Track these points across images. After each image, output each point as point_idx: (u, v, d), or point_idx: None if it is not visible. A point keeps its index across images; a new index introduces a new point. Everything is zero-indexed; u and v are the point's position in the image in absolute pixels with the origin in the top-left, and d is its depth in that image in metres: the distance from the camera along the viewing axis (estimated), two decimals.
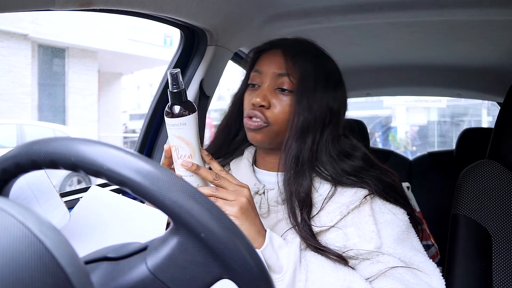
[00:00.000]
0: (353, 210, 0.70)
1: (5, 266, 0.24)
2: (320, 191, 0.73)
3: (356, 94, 2.45)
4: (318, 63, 0.75)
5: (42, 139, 0.36)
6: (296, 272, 0.63)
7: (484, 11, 1.13)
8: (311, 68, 0.73)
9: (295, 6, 1.19)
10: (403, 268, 0.66)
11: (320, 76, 0.73)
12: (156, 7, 0.92)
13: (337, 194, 0.72)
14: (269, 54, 0.77)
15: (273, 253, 0.63)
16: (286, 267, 0.63)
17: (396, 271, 0.65)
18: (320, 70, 0.74)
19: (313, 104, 0.72)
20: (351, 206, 0.70)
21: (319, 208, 0.71)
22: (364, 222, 0.69)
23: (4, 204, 0.28)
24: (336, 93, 0.76)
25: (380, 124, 14.81)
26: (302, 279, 0.62)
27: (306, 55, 0.75)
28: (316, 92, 0.72)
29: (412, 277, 0.65)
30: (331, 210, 0.71)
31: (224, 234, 0.32)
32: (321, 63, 0.76)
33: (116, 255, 0.36)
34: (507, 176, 1.00)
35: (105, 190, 0.58)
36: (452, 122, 14.14)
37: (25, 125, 5.80)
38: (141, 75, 13.97)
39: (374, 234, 0.67)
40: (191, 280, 0.33)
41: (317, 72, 0.74)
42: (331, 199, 0.71)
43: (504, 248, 0.96)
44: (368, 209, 0.70)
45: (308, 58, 0.74)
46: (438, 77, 2.00)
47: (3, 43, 6.80)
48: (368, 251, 0.66)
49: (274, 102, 0.74)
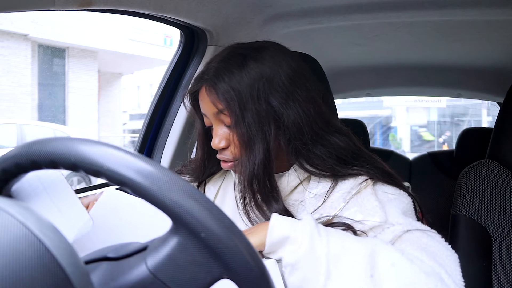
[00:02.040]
0: (355, 195, 0.69)
1: (5, 266, 0.24)
2: (317, 188, 0.72)
3: (356, 94, 2.45)
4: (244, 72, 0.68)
5: (42, 139, 0.36)
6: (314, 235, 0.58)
7: (484, 11, 1.13)
8: (236, 88, 0.67)
9: (295, 6, 1.19)
10: (418, 231, 0.63)
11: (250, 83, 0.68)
12: (156, 7, 0.92)
13: (341, 182, 0.71)
14: (200, 94, 0.73)
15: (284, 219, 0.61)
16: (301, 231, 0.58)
17: (413, 234, 0.63)
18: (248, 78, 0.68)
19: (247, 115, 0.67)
20: (353, 191, 0.69)
21: (316, 206, 0.70)
22: (366, 200, 0.68)
23: (4, 204, 0.28)
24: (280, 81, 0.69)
25: (380, 124, 14.82)
26: (323, 242, 0.57)
27: (227, 76, 0.68)
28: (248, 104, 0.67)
29: (429, 239, 0.63)
30: (334, 199, 0.70)
31: (224, 234, 0.32)
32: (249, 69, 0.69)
33: (116, 255, 0.36)
34: (507, 176, 1.01)
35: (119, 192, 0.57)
36: (452, 122, 14.15)
37: (25, 125, 5.81)
38: (141, 75, 13.96)
39: (378, 208, 0.66)
40: (191, 280, 0.33)
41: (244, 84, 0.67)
42: (334, 189, 0.71)
43: (504, 248, 0.96)
44: (370, 189, 0.69)
45: (230, 77, 0.68)
46: (438, 77, 2.00)
47: (3, 43, 6.80)
48: (374, 223, 0.64)
49: (230, 138, 0.72)
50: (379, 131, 14.67)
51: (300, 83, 0.71)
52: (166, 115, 1.26)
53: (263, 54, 0.70)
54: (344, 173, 0.71)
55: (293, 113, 0.68)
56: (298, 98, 0.69)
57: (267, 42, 0.75)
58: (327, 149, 0.71)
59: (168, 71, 1.25)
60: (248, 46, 0.74)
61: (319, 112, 0.71)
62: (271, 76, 0.68)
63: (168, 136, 1.25)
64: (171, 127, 1.25)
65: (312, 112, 0.70)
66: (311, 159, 0.71)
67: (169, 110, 1.26)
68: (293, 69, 0.71)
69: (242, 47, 0.73)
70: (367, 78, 2.08)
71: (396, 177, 0.74)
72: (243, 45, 0.74)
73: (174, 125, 1.25)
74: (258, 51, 0.71)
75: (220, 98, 0.68)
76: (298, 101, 0.69)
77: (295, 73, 0.71)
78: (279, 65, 0.70)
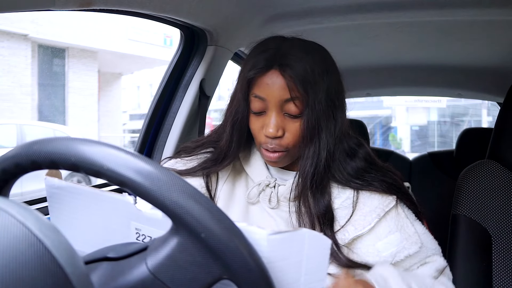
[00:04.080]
0: (389, 213, 0.71)
1: (5, 266, 0.24)
2: (341, 199, 0.73)
3: (356, 94, 2.45)
4: (315, 63, 0.70)
5: (42, 139, 0.35)
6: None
7: (484, 11, 1.13)
8: (312, 77, 0.68)
9: (295, 6, 1.19)
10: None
11: (320, 75, 0.70)
12: (156, 7, 0.92)
13: (365, 197, 0.72)
14: (267, 77, 0.69)
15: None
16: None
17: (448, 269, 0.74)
18: (317, 69, 0.69)
19: (317, 106, 0.69)
20: (386, 208, 0.70)
21: (345, 217, 0.71)
22: (405, 224, 0.71)
23: (4, 204, 0.28)
24: (335, 83, 0.74)
25: (380, 124, 14.81)
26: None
27: (303, 64, 0.68)
28: (321, 98, 0.69)
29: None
30: (366, 212, 0.70)
31: (225, 235, 0.32)
32: (317, 60, 0.71)
33: (116, 255, 0.36)
34: (507, 176, 1.01)
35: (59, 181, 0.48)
36: (452, 122, 14.15)
37: (25, 125, 5.80)
38: (141, 75, 13.96)
39: (417, 236, 0.70)
40: (191, 281, 0.33)
41: (316, 74, 0.69)
42: (359, 201, 0.72)
43: (504, 248, 0.96)
44: (401, 211, 0.72)
45: (309, 66, 0.68)
46: (438, 77, 2.00)
47: (3, 43, 6.80)
48: (416, 251, 0.69)
49: (287, 128, 0.71)
50: (379, 131, 14.67)
51: (343, 90, 0.76)
52: (166, 115, 1.26)
53: (326, 53, 0.76)
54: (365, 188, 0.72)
55: (340, 116, 0.73)
56: (344, 104, 0.75)
57: (320, 45, 0.77)
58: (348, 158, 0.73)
59: (168, 71, 1.25)
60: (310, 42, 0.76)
61: (344, 117, 0.75)
62: (334, 76, 0.73)
63: (168, 136, 1.25)
64: (171, 127, 1.25)
65: (345, 119, 0.75)
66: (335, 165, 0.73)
67: (169, 110, 1.26)
68: (340, 75, 0.76)
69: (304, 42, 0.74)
70: (367, 78, 2.08)
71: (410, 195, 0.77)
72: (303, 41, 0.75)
73: (174, 125, 1.25)
74: (321, 49, 0.75)
75: (299, 86, 0.67)
76: (343, 106, 0.75)
77: (340, 79, 0.76)
78: (336, 68, 0.75)
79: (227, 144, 0.76)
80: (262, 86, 0.70)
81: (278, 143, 0.71)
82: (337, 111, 0.72)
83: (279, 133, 0.70)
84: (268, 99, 0.70)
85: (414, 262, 0.70)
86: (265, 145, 0.72)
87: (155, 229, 0.42)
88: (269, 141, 0.71)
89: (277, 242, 0.36)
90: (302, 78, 0.67)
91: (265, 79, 0.69)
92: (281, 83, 0.68)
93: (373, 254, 0.68)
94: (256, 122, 0.73)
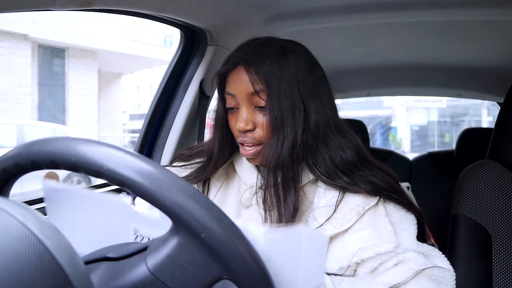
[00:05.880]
0: (368, 210, 0.70)
1: (5, 266, 0.24)
2: (326, 198, 0.73)
3: (356, 94, 2.45)
4: (284, 61, 0.72)
5: (42, 139, 0.35)
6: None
7: (484, 11, 1.13)
8: (277, 72, 0.70)
9: (295, 6, 1.19)
10: (436, 269, 0.68)
11: (285, 68, 0.71)
12: (156, 7, 0.92)
13: (349, 197, 0.72)
14: (234, 74, 0.74)
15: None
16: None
17: (432, 271, 0.68)
18: (283, 62, 0.72)
19: (282, 98, 0.70)
20: (366, 206, 0.70)
21: (326, 216, 0.71)
22: (381, 222, 0.70)
23: (4, 204, 0.28)
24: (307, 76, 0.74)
25: (380, 124, 14.81)
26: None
27: (268, 60, 0.71)
28: (286, 90, 0.71)
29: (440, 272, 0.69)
30: (347, 211, 0.70)
31: (225, 235, 0.32)
32: (285, 55, 0.73)
33: (116, 255, 0.36)
34: (507, 176, 1.01)
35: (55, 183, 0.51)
36: (452, 122, 14.15)
37: (25, 125, 5.80)
38: (141, 75, 13.96)
39: (392, 234, 0.68)
40: (191, 281, 0.33)
41: (284, 71, 0.71)
42: (343, 200, 0.71)
43: (504, 248, 0.96)
44: (382, 209, 0.71)
45: (272, 62, 0.71)
46: (438, 77, 2.00)
47: (3, 43, 6.80)
48: (388, 250, 0.67)
49: (257, 121, 0.73)
50: (379, 131, 14.67)
51: (323, 84, 0.76)
52: (166, 115, 1.26)
53: (298, 48, 0.76)
54: (351, 188, 0.72)
55: (314, 107, 0.72)
56: (322, 96, 0.74)
57: (294, 42, 0.79)
58: (333, 151, 0.73)
59: (168, 71, 1.25)
60: (281, 40, 0.78)
61: (334, 114, 0.76)
62: (304, 70, 0.73)
63: (168, 136, 1.25)
64: (171, 127, 1.25)
65: (329, 112, 0.74)
66: (316, 157, 0.73)
67: (169, 110, 1.26)
68: (319, 69, 0.77)
69: (276, 40, 0.77)
70: (367, 78, 2.08)
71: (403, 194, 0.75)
72: (275, 39, 0.77)
73: (174, 125, 1.25)
74: (293, 45, 0.76)
75: (261, 79, 0.70)
76: (321, 99, 0.74)
77: (320, 73, 0.76)
78: (311, 62, 0.76)
79: (211, 145, 0.80)
80: (231, 82, 0.74)
81: (251, 136, 0.73)
82: (312, 103, 0.72)
83: (249, 126, 0.72)
84: (236, 94, 0.73)
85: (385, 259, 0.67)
86: (240, 139, 0.75)
87: (153, 229, 0.42)
88: (242, 136, 0.74)
89: (274, 240, 0.36)
90: (264, 71, 0.70)
91: (233, 76, 0.74)
92: (245, 77, 0.72)
93: (340, 248, 0.68)
94: (232, 119, 0.76)
